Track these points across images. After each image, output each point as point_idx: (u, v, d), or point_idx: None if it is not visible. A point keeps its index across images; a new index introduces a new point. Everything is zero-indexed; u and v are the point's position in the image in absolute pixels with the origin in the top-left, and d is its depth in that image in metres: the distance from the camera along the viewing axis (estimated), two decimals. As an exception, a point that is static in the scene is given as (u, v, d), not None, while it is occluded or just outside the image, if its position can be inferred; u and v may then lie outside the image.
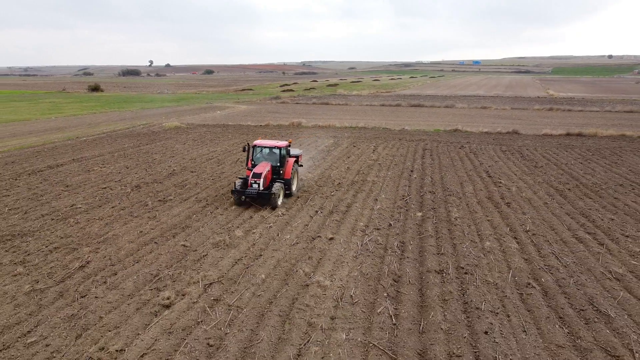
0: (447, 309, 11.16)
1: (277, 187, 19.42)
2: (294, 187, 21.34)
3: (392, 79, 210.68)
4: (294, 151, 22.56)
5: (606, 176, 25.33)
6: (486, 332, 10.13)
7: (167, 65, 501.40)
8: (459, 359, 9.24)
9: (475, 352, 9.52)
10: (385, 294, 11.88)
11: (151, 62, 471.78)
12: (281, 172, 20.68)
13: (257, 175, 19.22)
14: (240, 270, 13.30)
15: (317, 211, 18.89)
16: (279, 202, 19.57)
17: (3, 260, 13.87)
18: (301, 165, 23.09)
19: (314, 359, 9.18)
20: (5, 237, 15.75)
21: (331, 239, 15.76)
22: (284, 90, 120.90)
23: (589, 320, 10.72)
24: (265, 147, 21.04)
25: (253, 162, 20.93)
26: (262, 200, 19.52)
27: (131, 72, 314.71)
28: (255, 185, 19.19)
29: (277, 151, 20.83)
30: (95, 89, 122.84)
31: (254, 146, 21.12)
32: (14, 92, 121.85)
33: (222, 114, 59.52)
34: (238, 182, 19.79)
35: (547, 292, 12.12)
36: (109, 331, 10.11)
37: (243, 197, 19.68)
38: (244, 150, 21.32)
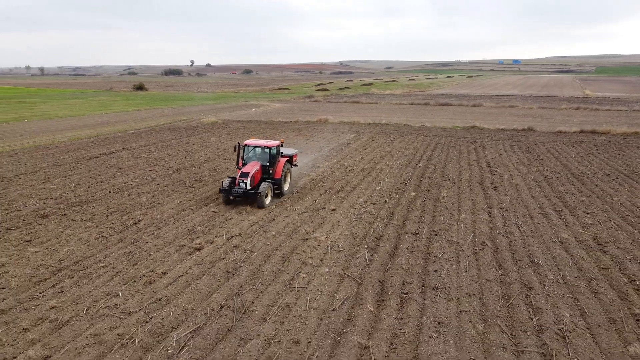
0: (411, 256, 14.36)
1: (264, 186, 19.42)
2: (285, 187, 21.42)
3: (427, 78, 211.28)
4: (287, 151, 22.64)
5: (598, 168, 27.62)
6: (435, 271, 13.29)
7: (208, 65, 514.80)
8: (408, 286, 12.45)
9: (423, 282, 12.70)
10: (366, 246, 15.17)
11: (192, 62, 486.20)
12: (271, 171, 20.64)
13: (245, 175, 19.31)
14: (256, 229, 16.86)
15: (326, 190, 22.28)
16: (267, 202, 19.63)
17: (76, 218, 17.93)
18: (295, 165, 23.29)
19: (302, 282, 12.57)
20: (75, 204, 19.88)
21: (333, 210, 19.13)
22: (318, 90, 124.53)
23: (520, 266, 13.70)
24: (255, 146, 21.01)
25: (244, 162, 20.94)
26: (249, 199, 19.75)
27: (173, 72, 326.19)
28: (242, 185, 19.26)
29: (267, 151, 20.77)
30: (140, 87, 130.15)
31: (245, 145, 21.15)
32: (66, 91, 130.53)
33: (256, 112, 63.65)
34: (226, 181, 19.88)
35: (498, 249, 15.10)
36: (156, 262, 13.86)
37: (231, 196, 19.71)
38: (234, 150, 21.12)
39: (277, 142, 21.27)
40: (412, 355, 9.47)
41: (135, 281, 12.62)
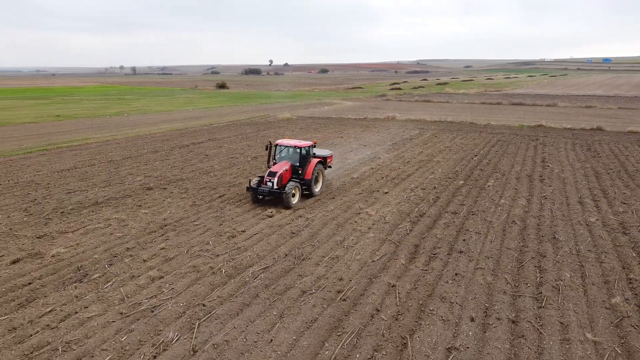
0: (446, 229, 16.88)
1: (290, 186, 19.30)
2: (316, 189, 21.25)
3: (507, 77, 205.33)
4: (321, 152, 22.63)
5: (656, 165, 28.12)
6: (464, 240, 15.77)
7: (286, 65, 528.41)
8: (438, 249, 15.05)
9: (451, 247, 15.22)
10: (409, 220, 17.86)
11: (271, 61, 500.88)
12: (300, 172, 20.62)
13: (272, 174, 19.37)
14: (317, 204, 20.06)
15: (382, 177, 25.04)
16: (293, 202, 19.53)
17: (173, 191, 22.09)
18: (330, 167, 23.22)
19: (350, 243, 15.55)
20: (172, 181, 24.15)
21: (386, 192, 21.91)
22: (392, 89, 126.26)
23: (541, 241, 15.79)
24: (286, 146, 21.11)
25: (274, 161, 21.13)
26: (278, 199, 19.71)
27: (253, 71, 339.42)
28: (269, 184, 19.29)
29: (298, 151, 20.75)
30: (222, 86, 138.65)
31: (276, 145, 21.29)
32: (156, 89, 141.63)
33: (328, 109, 67.17)
34: (254, 180, 20.11)
35: (526, 227, 17.19)
36: (237, 223, 17.45)
37: (259, 195, 19.72)
38: (266, 149, 21.32)
39: (309, 143, 21.17)
40: (428, 293, 12.16)
41: (221, 235, 16.23)
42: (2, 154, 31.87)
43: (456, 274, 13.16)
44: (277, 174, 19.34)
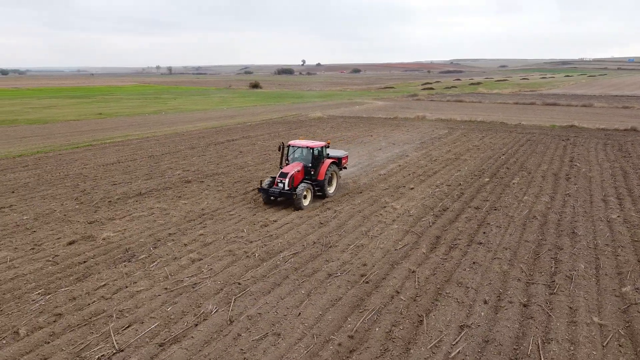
0: (467, 223, 17.63)
1: (302, 188, 19.15)
2: (330, 190, 21.09)
3: (543, 77, 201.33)
4: (335, 152, 22.41)
5: (688, 166, 27.95)
6: (484, 232, 16.51)
7: (318, 64, 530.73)
8: (458, 240, 15.84)
9: (471, 239, 15.99)
10: (432, 214, 18.68)
11: (304, 61, 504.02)
12: (313, 173, 20.39)
13: (284, 175, 19.22)
14: (344, 198, 21.08)
15: (409, 174, 25.85)
16: (305, 203, 19.38)
17: (210, 184, 23.52)
18: (345, 168, 23.12)
19: (375, 233, 16.51)
20: (208, 175, 25.60)
21: (412, 188, 22.73)
22: (423, 89, 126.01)
23: (560, 235, 16.36)
24: (299, 147, 20.90)
25: (287, 162, 21.01)
26: (290, 200, 19.67)
27: (285, 71, 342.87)
28: (280, 185, 19.17)
29: (310, 151, 20.55)
30: (255, 86, 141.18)
31: (289, 146, 21.14)
32: (192, 88, 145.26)
33: (359, 109, 68.05)
34: (266, 181, 19.99)
35: (546, 222, 17.76)
36: (269, 214, 18.67)
37: (272, 196, 19.62)
38: (279, 150, 21.20)
39: (322, 143, 21.03)
40: (446, 279, 13.02)
41: (254, 224, 17.45)
42: (52, 148, 34.13)
43: (474, 263, 13.96)
44: (289, 175, 19.20)
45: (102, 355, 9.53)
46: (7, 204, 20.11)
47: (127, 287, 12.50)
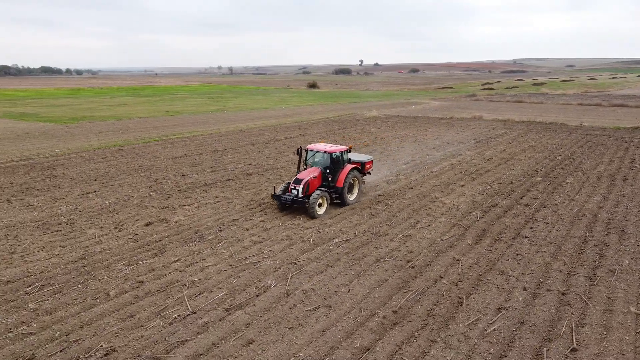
0: (515, 219, 18.15)
1: (315, 196, 18.02)
2: (351, 198, 19.84)
3: (613, 77, 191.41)
4: (358, 157, 21.07)
5: None
6: (531, 228, 17.01)
7: (376, 64, 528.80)
8: (504, 234, 16.45)
9: (517, 233, 16.56)
10: (480, 209, 19.30)
11: (361, 61, 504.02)
12: (330, 179, 19.28)
13: (298, 181, 18.26)
14: (397, 193, 22.02)
15: (461, 172, 26.38)
16: (319, 212, 18.26)
17: (270, 177, 25.18)
18: (369, 173, 21.98)
19: (423, 225, 17.41)
20: (268, 169, 27.32)
21: (462, 185, 23.34)
22: (483, 89, 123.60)
23: (608, 233, 16.58)
24: (317, 151, 19.66)
25: (305, 167, 20.01)
26: (302, 208, 18.60)
27: (343, 71, 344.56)
28: (294, 192, 18.24)
29: (328, 156, 19.43)
30: (313, 85, 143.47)
31: (307, 150, 19.90)
32: (252, 88, 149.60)
33: (415, 108, 68.27)
34: (280, 187, 19.17)
35: (596, 220, 17.96)
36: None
37: (287, 204, 18.64)
38: (297, 154, 20.11)
39: (342, 147, 19.65)
40: (489, 268, 13.77)
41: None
42: (127, 142, 37.16)
43: (517, 254, 14.61)
44: (303, 182, 18.14)
45: (178, 315, 11.12)
46: (91, 190, 22.59)
47: (197, 262, 14.15)
